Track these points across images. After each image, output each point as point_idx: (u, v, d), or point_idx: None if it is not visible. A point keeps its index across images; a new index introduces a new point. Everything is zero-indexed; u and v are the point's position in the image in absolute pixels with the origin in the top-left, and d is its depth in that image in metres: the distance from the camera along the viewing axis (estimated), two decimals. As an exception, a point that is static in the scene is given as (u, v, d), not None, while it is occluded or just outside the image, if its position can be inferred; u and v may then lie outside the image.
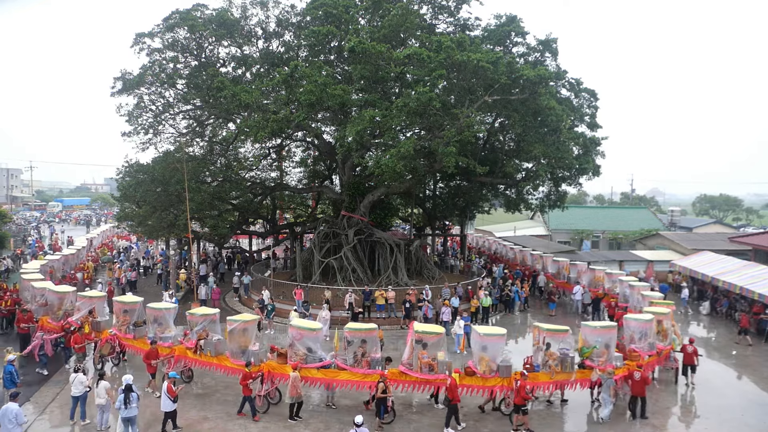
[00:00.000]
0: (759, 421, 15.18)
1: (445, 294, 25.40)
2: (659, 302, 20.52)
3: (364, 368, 15.01)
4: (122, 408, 12.70)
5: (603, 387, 14.93)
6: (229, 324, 15.99)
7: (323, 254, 29.00)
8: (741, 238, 40.06)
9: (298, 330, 15.56)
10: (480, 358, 15.05)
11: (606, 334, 16.10)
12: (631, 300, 23.47)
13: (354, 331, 15.71)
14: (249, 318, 16.67)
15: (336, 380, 14.99)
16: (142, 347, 17.14)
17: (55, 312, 19.61)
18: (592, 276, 28.80)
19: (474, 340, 15.61)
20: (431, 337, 15.08)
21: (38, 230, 62.01)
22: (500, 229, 57.09)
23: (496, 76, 22.81)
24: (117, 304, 18.46)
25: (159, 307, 17.99)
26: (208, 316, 16.92)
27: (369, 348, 15.41)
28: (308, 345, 15.38)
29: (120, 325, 18.06)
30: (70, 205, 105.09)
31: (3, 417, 11.72)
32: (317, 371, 15.02)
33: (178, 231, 28.10)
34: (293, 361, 14.97)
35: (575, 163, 27.33)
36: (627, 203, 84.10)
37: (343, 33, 26.55)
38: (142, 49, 29.77)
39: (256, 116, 25.99)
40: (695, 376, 17.55)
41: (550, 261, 32.76)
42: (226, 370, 16.00)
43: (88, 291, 21.35)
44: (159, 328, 17.51)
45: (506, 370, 14.70)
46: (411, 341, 15.13)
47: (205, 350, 16.18)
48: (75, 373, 14.01)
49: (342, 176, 31.76)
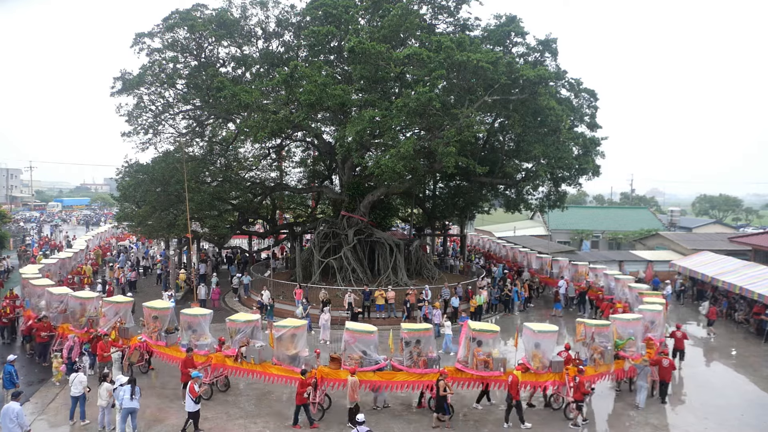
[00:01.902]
0: (759, 421, 15.18)
1: (444, 294, 25.46)
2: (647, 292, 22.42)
3: (421, 368, 15.05)
4: (125, 400, 12.81)
5: (640, 375, 15.77)
6: (277, 330, 15.53)
7: (323, 254, 29.01)
8: (741, 238, 40.07)
9: (352, 333, 15.42)
10: (533, 354, 15.45)
11: (635, 326, 17.24)
12: (616, 292, 25.15)
13: (410, 331, 15.72)
14: (298, 323, 16.13)
15: (393, 382, 14.98)
16: (175, 355, 16.44)
17: (77, 319, 18.71)
18: (574, 271, 30.11)
19: (527, 337, 15.86)
20: (488, 335, 15.40)
21: (39, 230, 61.97)
22: (500, 229, 57.09)
23: (496, 76, 22.82)
24: (147, 310, 17.66)
25: (194, 313, 17.31)
26: (251, 323, 16.34)
27: (424, 348, 15.49)
28: (363, 348, 15.28)
29: (150, 331, 17.27)
30: (70, 206, 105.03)
31: (4, 416, 11.69)
32: (373, 374, 14.98)
33: (178, 231, 28.06)
34: (348, 366, 14.88)
35: (575, 163, 27.34)
36: (627, 203, 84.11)
37: (342, 33, 26.57)
38: (142, 49, 29.77)
39: (256, 116, 25.98)
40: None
41: (534, 257, 34.50)
42: (272, 377, 15.43)
43: (115, 296, 20.38)
44: (194, 335, 16.84)
45: (558, 366, 15.16)
46: (466, 339, 15.43)
47: (248, 358, 15.57)
48: (75, 373, 14.04)
49: (342, 176, 31.76)
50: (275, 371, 15.38)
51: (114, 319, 17.87)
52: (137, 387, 13.11)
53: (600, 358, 16.20)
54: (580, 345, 16.93)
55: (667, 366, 16.07)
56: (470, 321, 18.00)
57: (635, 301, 22.62)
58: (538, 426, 14.56)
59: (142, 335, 17.26)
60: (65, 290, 20.24)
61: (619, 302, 23.71)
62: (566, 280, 29.14)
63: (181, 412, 14.78)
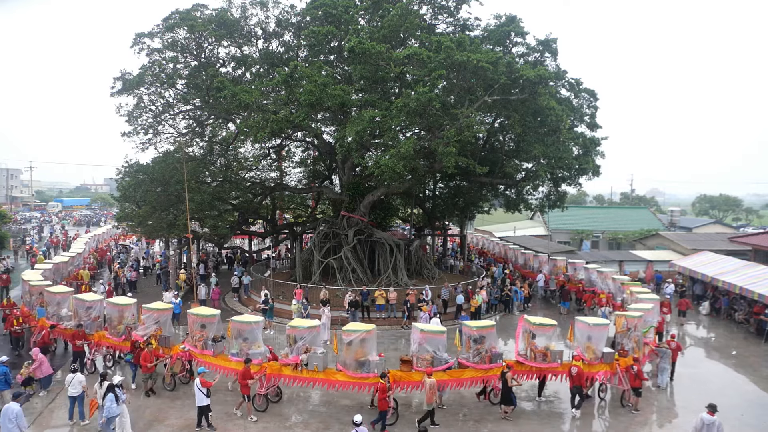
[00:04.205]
0: (759, 421, 15.18)
1: (444, 294, 25.47)
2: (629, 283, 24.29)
3: (487, 364, 15.37)
4: (103, 407, 12.68)
5: (662, 358, 17.25)
6: (347, 335, 15.10)
7: (323, 254, 29.00)
8: (741, 238, 40.06)
9: (423, 333, 15.41)
10: (586, 346, 16.11)
11: (651, 315, 18.84)
12: (598, 284, 27.31)
13: (479, 328, 15.98)
14: (368, 327, 15.63)
15: (462, 379, 15.19)
16: (224, 365, 15.76)
17: (114, 327, 17.80)
18: (553, 265, 32.56)
19: (580, 330, 16.50)
20: (546, 329, 16.12)
21: (39, 230, 61.98)
22: (500, 229, 57.09)
23: (496, 76, 22.81)
24: (192, 317, 16.80)
25: (244, 320, 16.49)
26: (312, 329, 15.76)
27: (487, 344, 15.78)
28: (432, 348, 15.30)
29: (196, 340, 16.43)
30: (70, 206, 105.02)
31: (3, 417, 11.68)
32: (444, 373, 15.04)
33: (178, 231, 28.03)
34: (419, 367, 14.88)
35: (575, 163, 27.34)
36: (627, 203, 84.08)
37: (342, 33, 26.56)
38: (142, 49, 29.75)
39: (256, 116, 25.98)
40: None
41: (519, 253, 37.49)
42: (339, 384, 15.00)
43: (155, 303, 19.05)
44: (244, 343, 15.87)
45: (609, 356, 15.91)
46: (525, 333, 16.03)
47: (311, 365, 15.11)
48: (73, 374, 14.01)
49: (342, 176, 31.76)
50: (342, 378, 14.93)
51: (153, 327, 17.10)
52: (111, 394, 12.67)
53: (636, 346, 17.21)
54: (621, 336, 17.51)
55: (674, 348, 17.74)
56: (467, 321, 18.19)
57: (618, 291, 25.06)
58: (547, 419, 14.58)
59: (185, 344, 16.56)
60: (96, 296, 19.57)
61: (603, 293, 26.10)
62: (545, 274, 31.44)
63: (181, 412, 14.84)
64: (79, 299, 18.95)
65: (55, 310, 19.38)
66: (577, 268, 30.24)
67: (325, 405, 15.50)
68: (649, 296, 21.19)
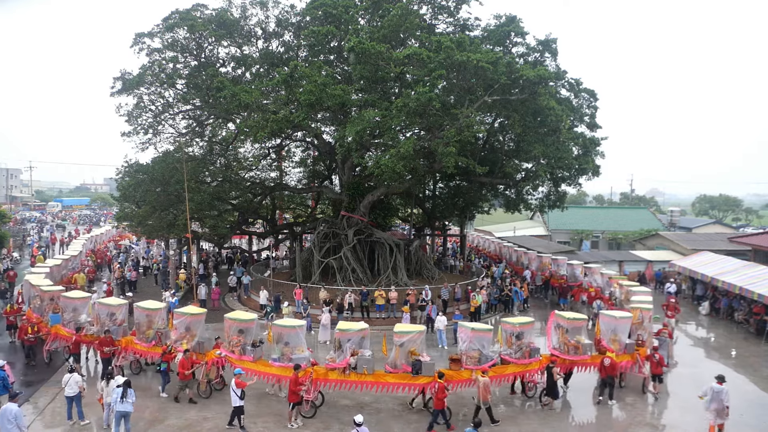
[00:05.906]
0: (759, 421, 15.19)
1: (444, 294, 25.46)
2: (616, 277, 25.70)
3: (527, 359, 15.87)
4: (118, 402, 12.73)
5: (661, 347, 18.07)
6: (399, 336, 15.02)
7: (323, 254, 29.00)
8: (741, 238, 40.06)
9: (469, 331, 15.54)
10: (612, 339, 17.01)
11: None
12: (587, 279, 28.43)
13: (522, 324, 16.39)
14: (419, 328, 15.70)
15: (505, 374, 15.71)
16: (266, 371, 15.39)
17: (143, 332, 17.30)
18: (539, 262, 33.93)
19: (606, 324, 17.29)
20: (578, 322, 17.00)
21: (39, 230, 61.91)
22: (500, 229, 57.10)
23: (496, 76, 22.81)
24: (229, 322, 16.33)
25: (287, 324, 16.02)
26: (361, 332, 15.42)
27: (526, 339, 16.29)
28: (478, 346, 15.46)
29: (233, 346, 15.92)
30: (70, 205, 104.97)
31: (2, 417, 11.65)
32: (489, 370, 15.22)
33: (177, 231, 28.04)
34: (468, 365, 15.08)
35: (575, 164, 27.36)
36: (627, 203, 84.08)
37: (342, 33, 26.55)
38: (142, 49, 29.75)
39: (256, 116, 25.98)
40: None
41: (512, 251, 38.77)
42: (389, 386, 14.89)
43: (183, 307, 18.53)
44: (286, 347, 15.51)
45: (631, 348, 17.00)
46: (557, 328, 16.95)
47: (359, 368, 14.88)
48: (70, 374, 13.97)
49: (342, 176, 31.76)
50: (393, 380, 14.83)
51: (185, 333, 16.60)
52: (131, 390, 12.88)
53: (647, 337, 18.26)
54: (636, 327, 18.16)
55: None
56: (463, 321, 18.39)
57: (606, 285, 26.50)
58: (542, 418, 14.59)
59: (221, 350, 16.01)
60: (121, 300, 19.04)
61: (591, 286, 27.55)
62: (531, 270, 32.99)
63: (181, 412, 14.84)
64: (102, 304, 18.38)
65: (72, 316, 18.62)
66: (560, 265, 31.40)
67: (325, 405, 15.46)
68: (640, 288, 22.71)
